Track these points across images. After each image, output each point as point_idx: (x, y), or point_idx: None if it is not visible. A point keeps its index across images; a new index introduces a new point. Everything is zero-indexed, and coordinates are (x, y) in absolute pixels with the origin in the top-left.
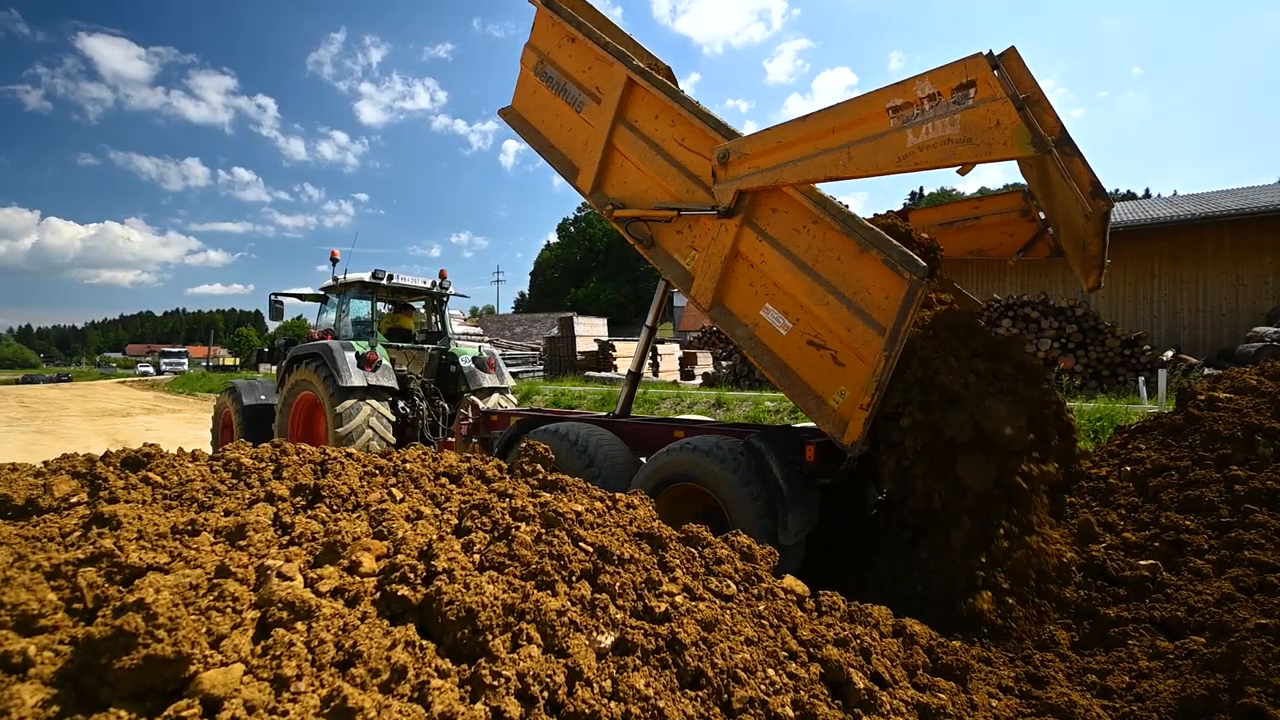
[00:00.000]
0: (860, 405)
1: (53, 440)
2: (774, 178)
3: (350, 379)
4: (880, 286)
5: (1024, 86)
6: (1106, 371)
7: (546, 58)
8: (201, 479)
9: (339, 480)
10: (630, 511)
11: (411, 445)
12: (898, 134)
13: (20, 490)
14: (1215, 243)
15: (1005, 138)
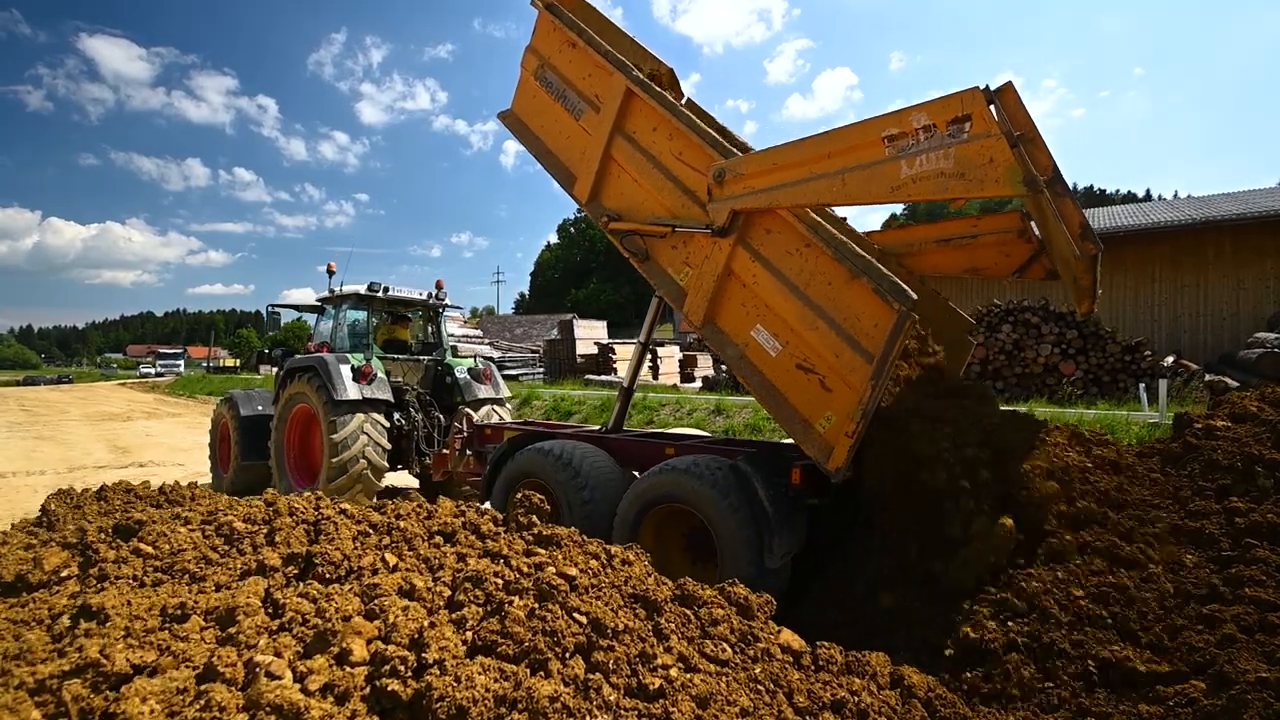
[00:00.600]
0: (845, 432)
1: (53, 446)
2: (768, 200)
3: (345, 393)
4: (870, 314)
5: (1019, 123)
6: (1107, 378)
7: (547, 62)
8: (193, 546)
9: (332, 545)
10: (625, 569)
11: (408, 492)
12: (892, 164)
13: (10, 565)
14: (1216, 247)
15: (998, 175)
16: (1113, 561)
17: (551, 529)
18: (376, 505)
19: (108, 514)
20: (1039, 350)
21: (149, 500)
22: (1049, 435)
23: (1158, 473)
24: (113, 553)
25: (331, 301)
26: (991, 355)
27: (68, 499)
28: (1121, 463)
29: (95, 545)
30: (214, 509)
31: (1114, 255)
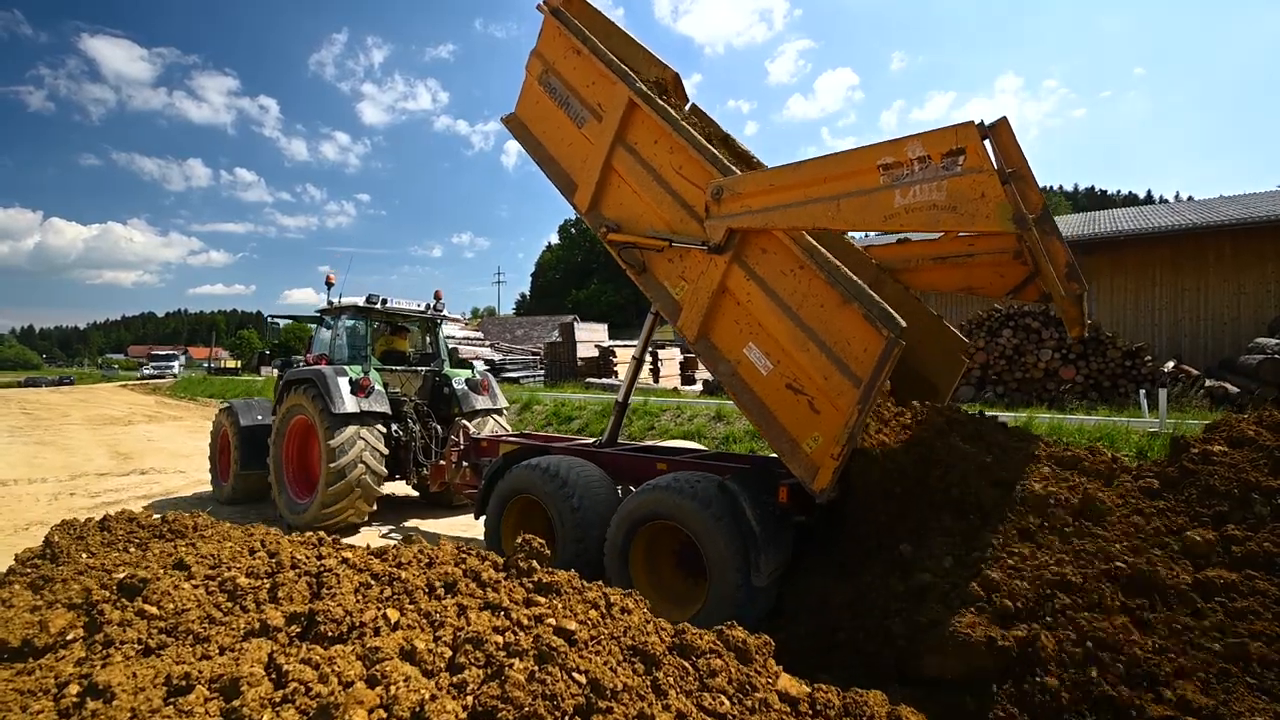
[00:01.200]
0: (831, 454)
1: (55, 452)
2: (764, 220)
3: (343, 406)
4: (860, 339)
5: (1011, 160)
6: (1107, 383)
7: (551, 68)
8: (197, 604)
9: (334, 601)
10: (624, 618)
11: (409, 535)
12: (886, 193)
13: (16, 630)
14: (1216, 251)
15: (988, 211)
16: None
17: (552, 575)
18: (378, 551)
19: (110, 544)
20: (1039, 355)
21: (151, 530)
22: (1032, 477)
23: (1145, 503)
24: (117, 614)
25: (330, 313)
26: (992, 360)
27: (71, 529)
28: (1103, 505)
29: (100, 606)
30: (218, 560)
31: (1115, 259)
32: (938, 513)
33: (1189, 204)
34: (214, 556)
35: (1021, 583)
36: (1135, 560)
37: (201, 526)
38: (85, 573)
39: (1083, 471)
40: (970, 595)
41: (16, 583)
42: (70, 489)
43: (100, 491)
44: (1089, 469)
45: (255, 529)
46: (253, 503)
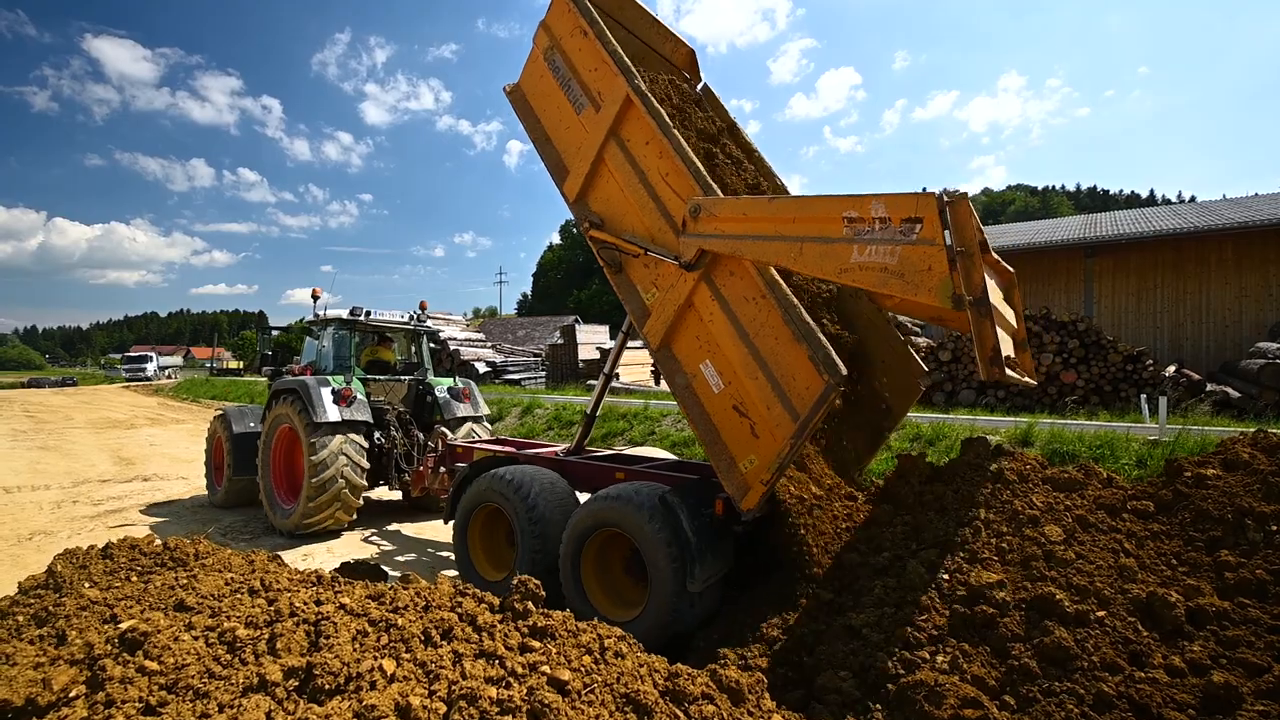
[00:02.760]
0: (761, 479)
1: (58, 458)
2: (733, 248)
3: (325, 415)
4: (803, 378)
5: (964, 237)
6: (1109, 387)
7: (557, 44)
8: (197, 658)
9: (331, 653)
10: (618, 663)
11: (406, 575)
12: (845, 245)
13: (20, 689)
14: (1219, 254)
15: (931, 284)
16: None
17: (548, 617)
18: (376, 594)
19: (113, 573)
20: (1040, 359)
21: (154, 558)
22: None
23: (1139, 526)
24: (119, 669)
25: (317, 325)
26: None
27: (74, 559)
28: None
29: (102, 661)
30: (218, 608)
31: (1117, 261)
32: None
33: (1191, 206)
34: (214, 598)
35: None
36: (1132, 587)
37: (203, 554)
38: (88, 608)
39: (1081, 494)
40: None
41: (20, 614)
42: (73, 496)
43: (103, 499)
44: (1088, 493)
45: (257, 557)
46: (245, 507)
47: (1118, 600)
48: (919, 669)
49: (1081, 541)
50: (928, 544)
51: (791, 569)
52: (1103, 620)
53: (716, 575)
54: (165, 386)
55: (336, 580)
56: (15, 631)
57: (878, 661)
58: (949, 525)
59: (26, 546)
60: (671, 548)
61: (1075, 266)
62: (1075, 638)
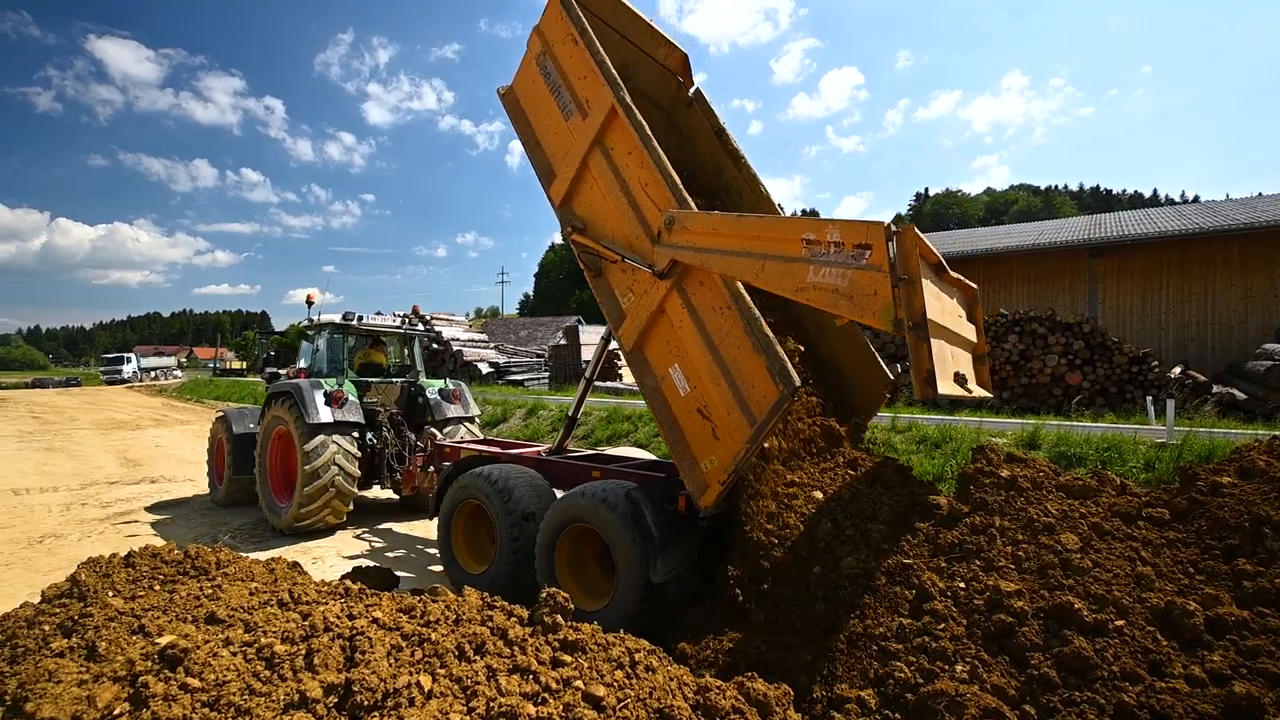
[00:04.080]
0: (719, 480)
1: (65, 459)
2: (702, 260)
3: (318, 416)
4: (761, 386)
5: (908, 265)
6: (1114, 389)
7: (549, 50)
8: (236, 674)
9: (368, 669)
10: (649, 678)
11: (435, 587)
12: (803, 265)
13: (65, 707)
14: (1224, 254)
15: (876, 308)
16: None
17: (577, 631)
18: (406, 608)
19: (136, 582)
20: (1045, 361)
21: (175, 567)
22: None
23: (1154, 534)
24: (161, 686)
25: (311, 329)
26: (997, 366)
27: (97, 568)
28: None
29: (144, 678)
30: (251, 622)
31: (1121, 262)
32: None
33: (1196, 206)
34: (244, 610)
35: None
36: (1150, 596)
37: (224, 563)
38: (116, 619)
39: (1095, 501)
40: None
41: (46, 623)
42: (81, 499)
43: (111, 501)
44: (1103, 500)
45: (277, 565)
46: (252, 509)
47: (1136, 609)
48: (938, 678)
49: (1098, 549)
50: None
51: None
52: (1121, 629)
53: (679, 567)
54: (169, 387)
55: (364, 592)
56: (43, 641)
57: (896, 671)
58: (963, 532)
59: (38, 549)
60: (635, 541)
61: (1080, 267)
62: (1095, 647)
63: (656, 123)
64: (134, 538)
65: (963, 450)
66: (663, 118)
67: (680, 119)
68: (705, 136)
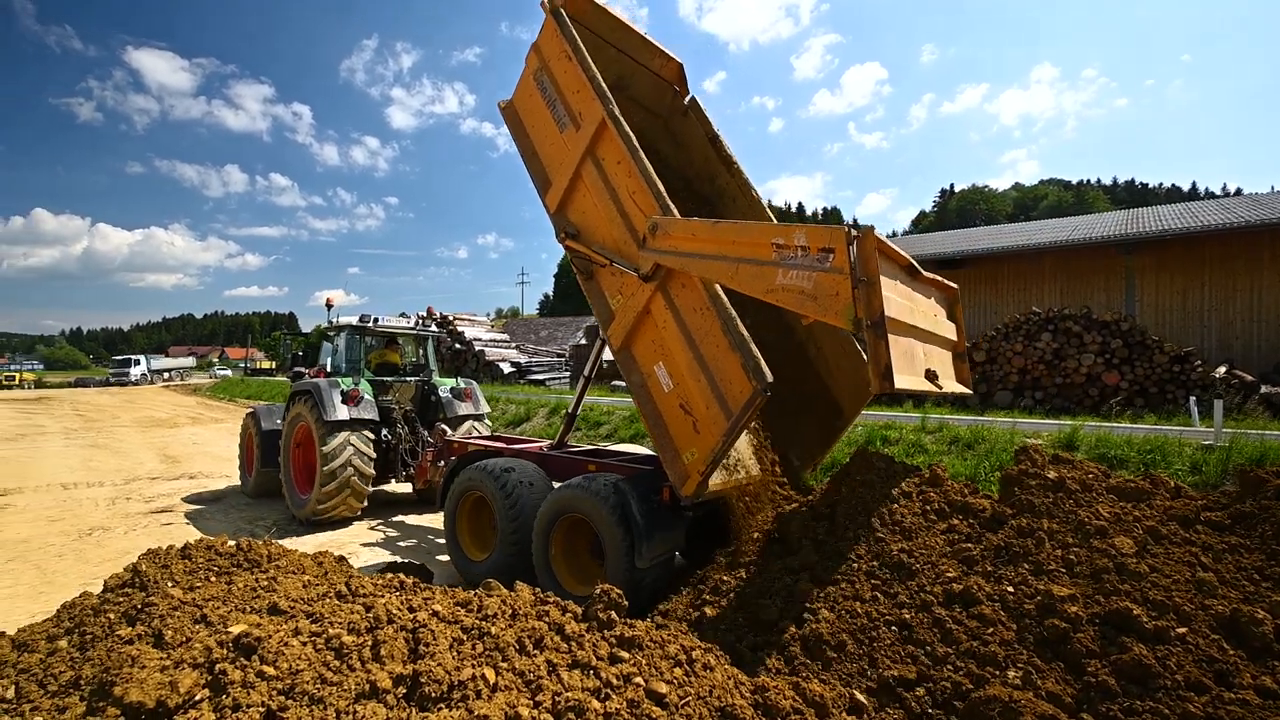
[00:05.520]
0: (699, 470)
1: (108, 456)
2: (683, 264)
3: (335, 414)
4: (737, 382)
5: (867, 268)
6: (1154, 389)
7: (545, 66)
8: (308, 664)
9: (433, 660)
10: (707, 676)
11: (485, 583)
12: (772, 269)
13: (151, 691)
14: (1271, 249)
15: (838, 308)
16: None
17: (631, 628)
18: (463, 601)
19: (192, 573)
20: (1081, 360)
21: (229, 559)
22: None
23: (1215, 539)
24: (238, 674)
25: (331, 331)
26: (1030, 365)
27: (156, 558)
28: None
29: (220, 665)
30: (315, 612)
31: (1159, 258)
32: None
33: (1240, 199)
34: (305, 602)
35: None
36: (1213, 603)
37: (275, 556)
38: (179, 609)
39: (1149, 505)
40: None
41: (111, 612)
42: (125, 493)
43: (154, 496)
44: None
45: (324, 558)
46: (273, 496)
47: (1199, 616)
48: (988, 684)
49: (1154, 554)
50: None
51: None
52: (1184, 637)
53: (664, 554)
54: (203, 386)
55: (418, 586)
56: (109, 629)
57: (943, 673)
58: (1010, 535)
59: (87, 541)
60: (622, 529)
61: (1115, 264)
62: (1156, 655)
63: (654, 130)
64: (169, 526)
65: (996, 452)
66: (660, 125)
67: (676, 126)
68: (700, 143)
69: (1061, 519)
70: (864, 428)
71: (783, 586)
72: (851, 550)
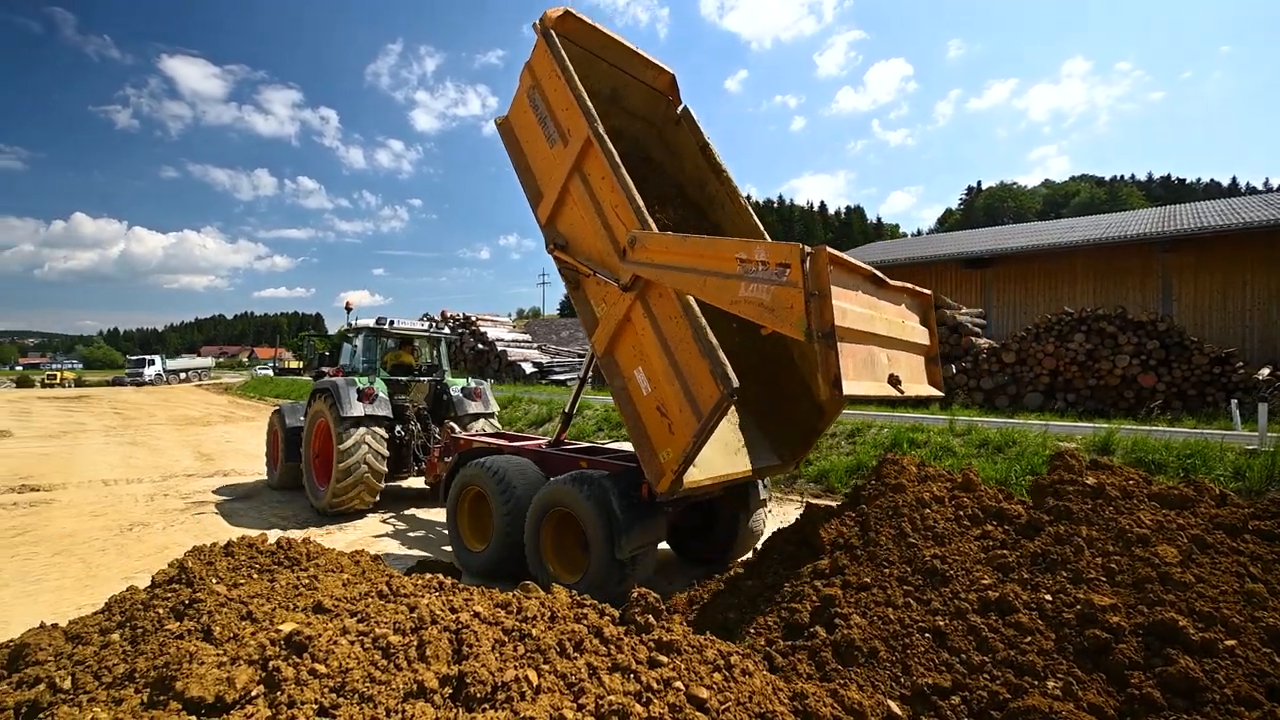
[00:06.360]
0: (672, 469)
1: (146, 453)
2: (657, 276)
3: (350, 410)
4: (707, 387)
5: (819, 282)
6: (1193, 392)
7: (538, 85)
8: (357, 662)
9: (478, 661)
10: (746, 681)
11: (522, 585)
12: (736, 281)
13: (210, 687)
14: None
15: (792, 320)
16: None
17: (669, 632)
18: (502, 602)
19: (235, 569)
20: (1115, 361)
21: (270, 557)
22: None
23: (1265, 549)
24: (291, 671)
25: (350, 332)
26: (1062, 366)
27: (201, 555)
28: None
29: (274, 662)
30: (359, 611)
31: (1199, 256)
32: None
33: None
34: (349, 601)
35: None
36: (1264, 615)
37: (314, 554)
38: (226, 605)
39: (1194, 512)
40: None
41: (160, 607)
42: (163, 490)
43: (190, 493)
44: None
45: (360, 557)
46: (298, 489)
47: (1248, 629)
48: (1027, 694)
49: (1200, 563)
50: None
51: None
52: (1233, 650)
53: (643, 546)
54: (234, 385)
55: (456, 586)
56: (158, 623)
57: (979, 682)
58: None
59: (128, 536)
60: (603, 522)
61: (1151, 262)
62: (1203, 668)
63: (649, 139)
64: (205, 520)
65: (1027, 455)
66: (655, 134)
67: (669, 136)
68: (692, 151)
69: (1101, 526)
70: (890, 430)
71: (812, 590)
72: (883, 555)
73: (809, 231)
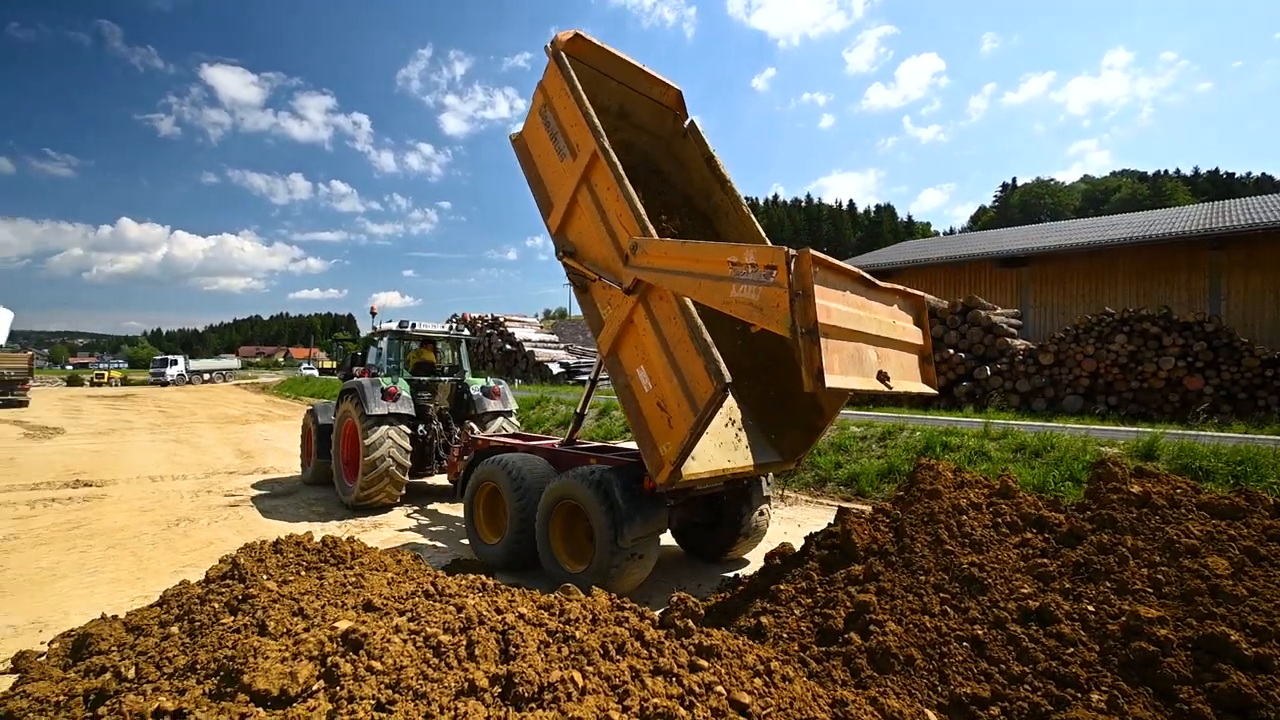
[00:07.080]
0: (670, 460)
1: (189, 450)
2: (657, 279)
3: (375, 409)
4: (702, 383)
5: (803, 282)
6: (1243, 395)
7: (549, 103)
8: (411, 660)
9: (524, 662)
10: (787, 687)
11: (563, 587)
12: (728, 283)
13: (275, 680)
14: None
15: (778, 318)
16: None
17: (709, 636)
18: (545, 604)
19: (284, 566)
20: (1160, 363)
21: (316, 554)
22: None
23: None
24: (349, 667)
25: (376, 335)
26: (1103, 368)
27: (251, 552)
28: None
29: (332, 659)
30: (406, 609)
31: (1250, 254)
32: None
33: None
34: (397, 600)
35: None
36: None
37: (358, 553)
38: (279, 601)
39: (1245, 523)
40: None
41: (215, 601)
42: (207, 486)
43: (233, 490)
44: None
45: (402, 555)
46: (329, 484)
47: None
48: (1070, 706)
49: (1253, 576)
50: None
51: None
52: None
53: (646, 536)
54: (271, 384)
55: (498, 587)
56: (214, 617)
57: (1019, 693)
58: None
59: (175, 531)
60: (606, 514)
61: (1198, 260)
62: (1257, 684)
63: (658, 151)
64: (246, 516)
65: (1066, 460)
66: (663, 147)
67: (677, 148)
68: (698, 163)
69: (1147, 536)
70: (923, 433)
71: (846, 596)
72: (918, 562)
73: (837, 230)
